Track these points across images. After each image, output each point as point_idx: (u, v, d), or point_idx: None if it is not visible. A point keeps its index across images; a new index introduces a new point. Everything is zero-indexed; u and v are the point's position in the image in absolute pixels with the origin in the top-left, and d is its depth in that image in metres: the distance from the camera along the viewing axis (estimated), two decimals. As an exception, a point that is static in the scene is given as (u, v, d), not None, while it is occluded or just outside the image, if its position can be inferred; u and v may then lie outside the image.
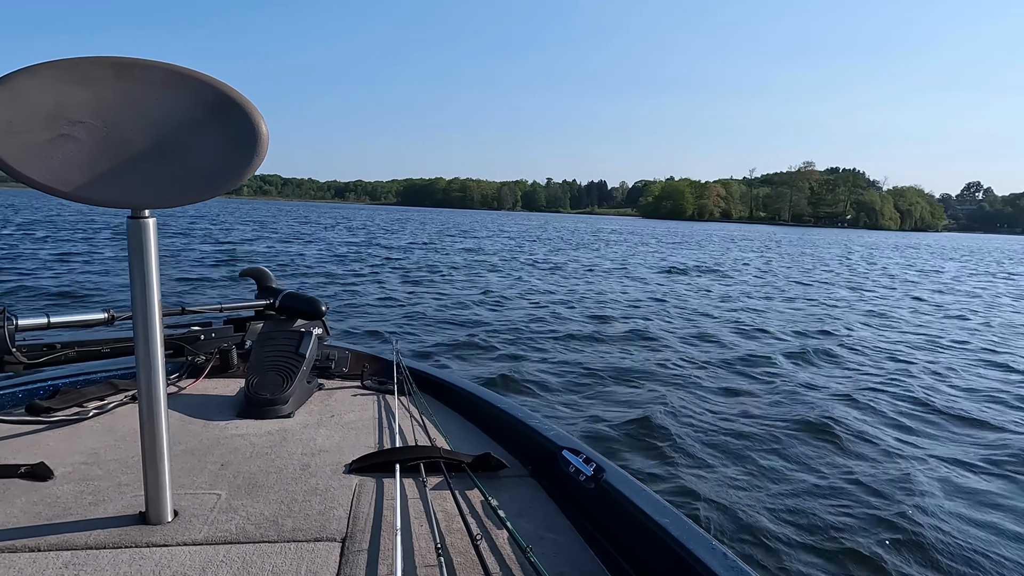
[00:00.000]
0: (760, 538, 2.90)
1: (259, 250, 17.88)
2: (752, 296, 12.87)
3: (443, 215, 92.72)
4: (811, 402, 5.08)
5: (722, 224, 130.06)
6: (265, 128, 1.20)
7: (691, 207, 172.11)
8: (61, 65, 1.07)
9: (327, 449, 1.64)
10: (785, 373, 6.11)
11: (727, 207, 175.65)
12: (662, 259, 22.64)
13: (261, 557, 1.11)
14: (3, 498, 1.31)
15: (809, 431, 4.36)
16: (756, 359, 6.65)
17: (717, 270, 19.06)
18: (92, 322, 1.95)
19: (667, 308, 10.50)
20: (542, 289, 12.31)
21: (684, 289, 13.62)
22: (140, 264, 1.17)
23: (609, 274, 16.31)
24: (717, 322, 9.23)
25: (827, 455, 3.96)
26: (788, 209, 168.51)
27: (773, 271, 19.63)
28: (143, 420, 1.20)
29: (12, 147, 1.04)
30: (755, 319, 9.59)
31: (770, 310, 10.84)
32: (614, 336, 7.68)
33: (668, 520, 1.14)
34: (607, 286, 13.42)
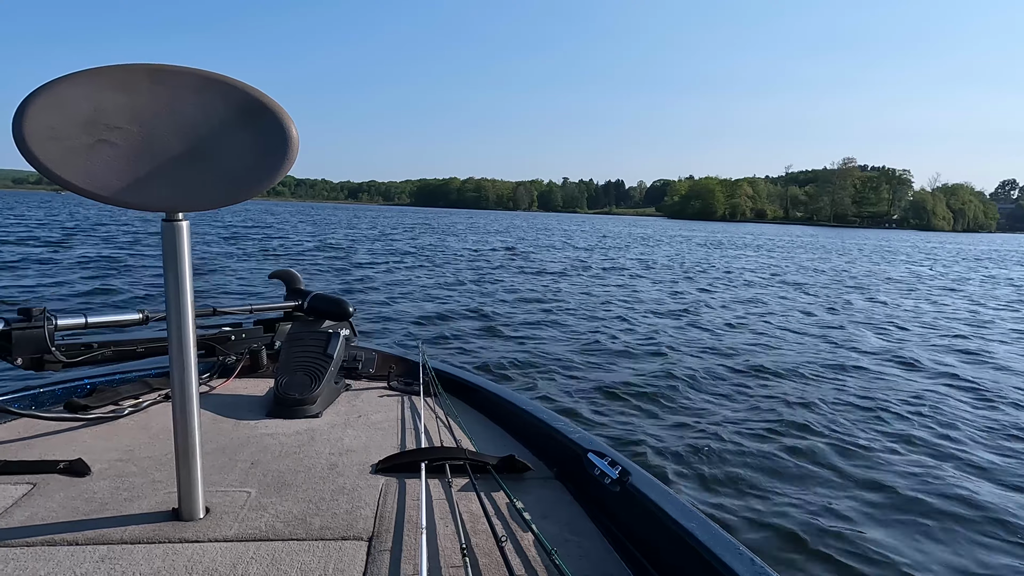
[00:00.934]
0: (790, 546, 2.85)
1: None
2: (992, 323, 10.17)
3: (462, 216, 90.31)
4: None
5: (761, 225, 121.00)
6: (295, 131, 1.22)
7: (722, 207, 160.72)
8: (100, 72, 1.10)
9: (354, 449, 1.66)
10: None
11: (756, 206, 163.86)
12: (766, 265, 20.16)
13: (290, 555, 1.12)
14: (43, 492, 1.35)
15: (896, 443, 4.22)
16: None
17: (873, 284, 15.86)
18: (127, 322, 2.01)
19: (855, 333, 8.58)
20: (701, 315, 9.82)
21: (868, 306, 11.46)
22: (174, 266, 1.20)
23: (731, 284, 14.35)
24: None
25: (874, 469, 3.86)
26: (830, 208, 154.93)
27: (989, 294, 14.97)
28: (176, 419, 1.23)
29: (54, 152, 1.08)
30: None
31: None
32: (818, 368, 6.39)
33: (695, 524, 1.13)
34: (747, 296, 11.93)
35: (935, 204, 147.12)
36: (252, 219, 35.69)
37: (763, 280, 15.78)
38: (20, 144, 1.05)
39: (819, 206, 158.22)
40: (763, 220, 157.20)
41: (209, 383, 2.22)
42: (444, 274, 13.98)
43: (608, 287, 12.87)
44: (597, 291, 12.09)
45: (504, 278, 13.53)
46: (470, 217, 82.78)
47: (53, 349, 1.83)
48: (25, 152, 1.06)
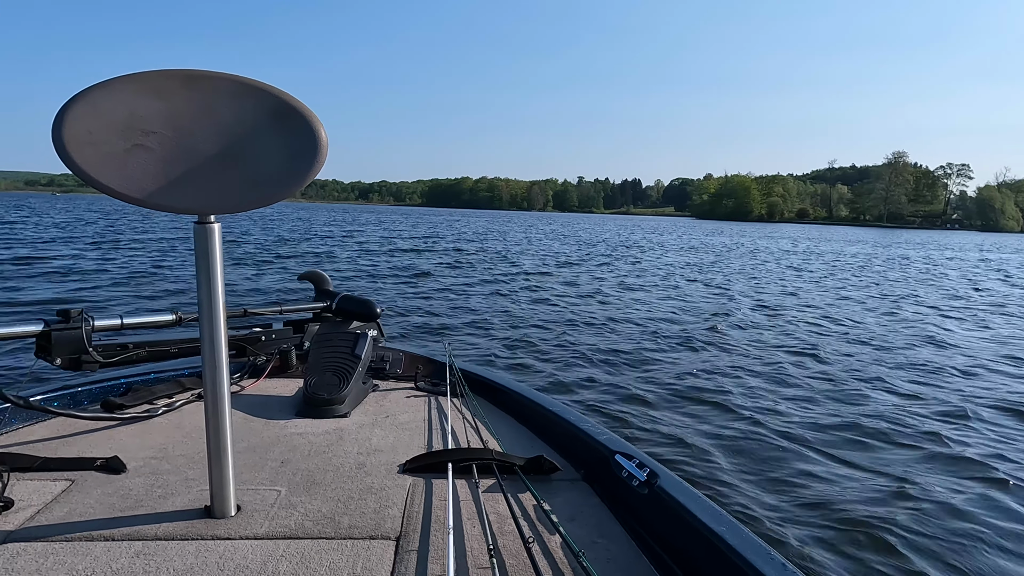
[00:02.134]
0: (822, 552, 2.79)
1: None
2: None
3: (480, 216, 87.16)
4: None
5: (809, 226, 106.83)
6: (325, 134, 1.23)
7: (758, 206, 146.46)
8: (135, 78, 1.13)
9: (382, 449, 1.67)
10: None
11: (788, 206, 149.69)
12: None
13: (319, 553, 1.13)
14: (81, 489, 1.38)
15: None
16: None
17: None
18: (161, 323, 2.05)
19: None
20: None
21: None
22: (206, 267, 1.22)
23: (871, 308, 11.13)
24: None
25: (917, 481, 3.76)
26: (883, 207, 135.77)
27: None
28: (208, 418, 1.25)
29: (91, 157, 1.10)
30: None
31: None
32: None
33: (724, 528, 1.12)
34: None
35: (1004, 202, 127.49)
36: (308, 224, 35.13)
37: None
38: (59, 149, 1.08)
39: (870, 204, 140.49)
40: (804, 220, 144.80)
41: (240, 383, 2.26)
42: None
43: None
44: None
45: (619, 298, 11.07)
46: (489, 218, 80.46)
47: (90, 350, 1.88)
48: (64, 157, 1.09)
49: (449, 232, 33.50)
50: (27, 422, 1.79)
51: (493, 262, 17.39)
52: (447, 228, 38.96)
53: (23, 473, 1.45)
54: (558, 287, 12.35)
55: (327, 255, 17.51)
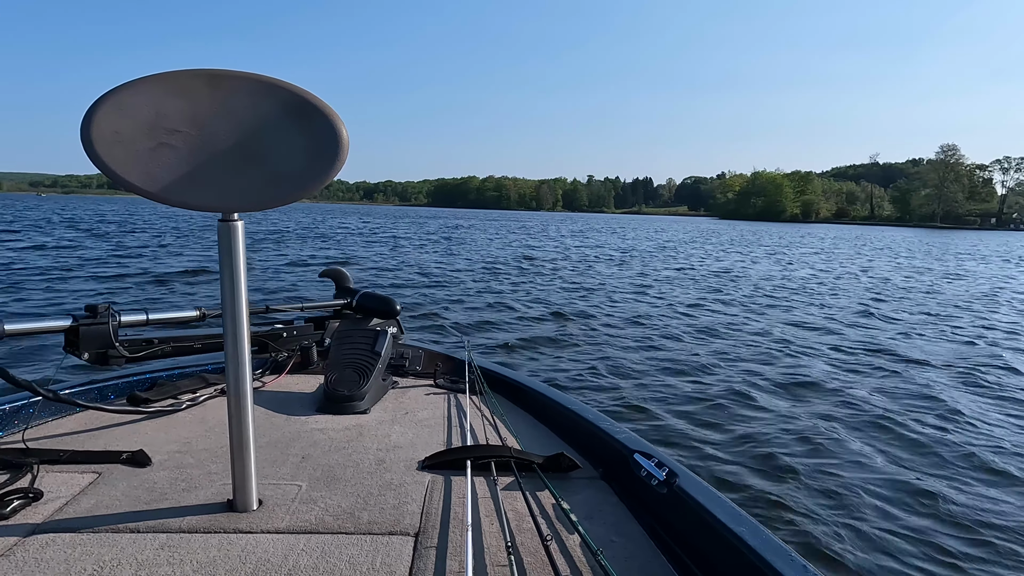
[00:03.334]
0: (845, 553, 2.76)
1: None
2: None
3: (493, 217, 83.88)
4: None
5: (869, 228, 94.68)
6: (346, 133, 1.24)
7: (791, 205, 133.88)
8: (161, 78, 1.15)
9: (401, 445, 1.68)
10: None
11: (816, 205, 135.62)
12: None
13: (339, 548, 1.15)
14: (107, 481, 1.41)
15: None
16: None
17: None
18: (186, 319, 2.08)
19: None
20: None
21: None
22: (229, 265, 1.23)
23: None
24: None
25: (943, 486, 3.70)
26: (939, 206, 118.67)
27: None
28: (231, 413, 1.27)
29: (119, 156, 1.12)
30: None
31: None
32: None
33: (744, 529, 1.11)
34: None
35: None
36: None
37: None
38: (88, 148, 1.10)
39: (921, 202, 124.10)
40: (844, 220, 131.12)
41: (262, 379, 2.28)
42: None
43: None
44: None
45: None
46: (501, 218, 77.92)
47: (117, 345, 1.92)
48: (92, 156, 1.11)
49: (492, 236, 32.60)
50: (56, 415, 1.83)
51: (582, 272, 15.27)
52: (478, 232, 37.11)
53: (52, 465, 1.49)
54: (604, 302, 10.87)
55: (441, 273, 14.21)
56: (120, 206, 45.64)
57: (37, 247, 16.46)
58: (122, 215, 38.93)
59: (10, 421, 1.71)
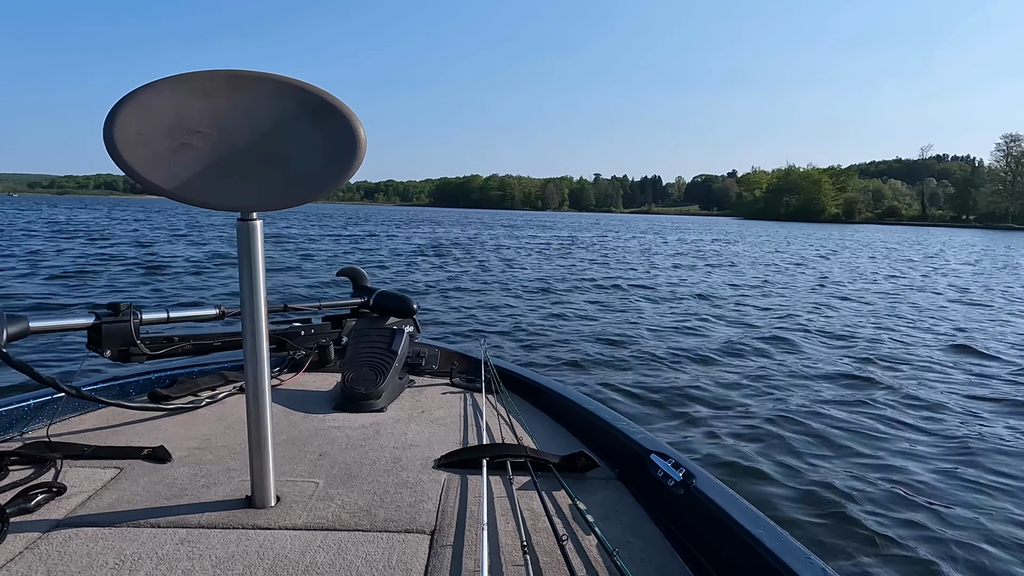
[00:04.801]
0: (866, 558, 2.72)
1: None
2: None
3: (503, 217, 78.65)
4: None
5: (936, 229, 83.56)
6: (363, 133, 1.25)
7: (831, 204, 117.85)
8: (182, 79, 1.16)
9: (417, 444, 1.69)
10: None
11: (860, 203, 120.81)
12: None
13: (355, 544, 1.15)
14: (129, 477, 1.43)
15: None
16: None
17: None
18: (205, 317, 2.11)
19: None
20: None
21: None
22: (248, 263, 1.24)
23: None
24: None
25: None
26: (1011, 205, 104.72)
27: None
28: (250, 410, 1.28)
29: (140, 156, 1.14)
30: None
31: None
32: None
33: (763, 531, 1.10)
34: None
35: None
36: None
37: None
38: (110, 149, 1.12)
39: (988, 199, 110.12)
40: (891, 221, 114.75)
41: (280, 376, 2.30)
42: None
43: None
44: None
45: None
46: (528, 219, 73.76)
47: (138, 342, 1.95)
48: (115, 156, 1.12)
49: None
50: (79, 411, 1.86)
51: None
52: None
53: (75, 460, 1.51)
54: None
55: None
56: (101, 212, 40.40)
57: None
58: (81, 219, 34.24)
59: (35, 416, 1.74)
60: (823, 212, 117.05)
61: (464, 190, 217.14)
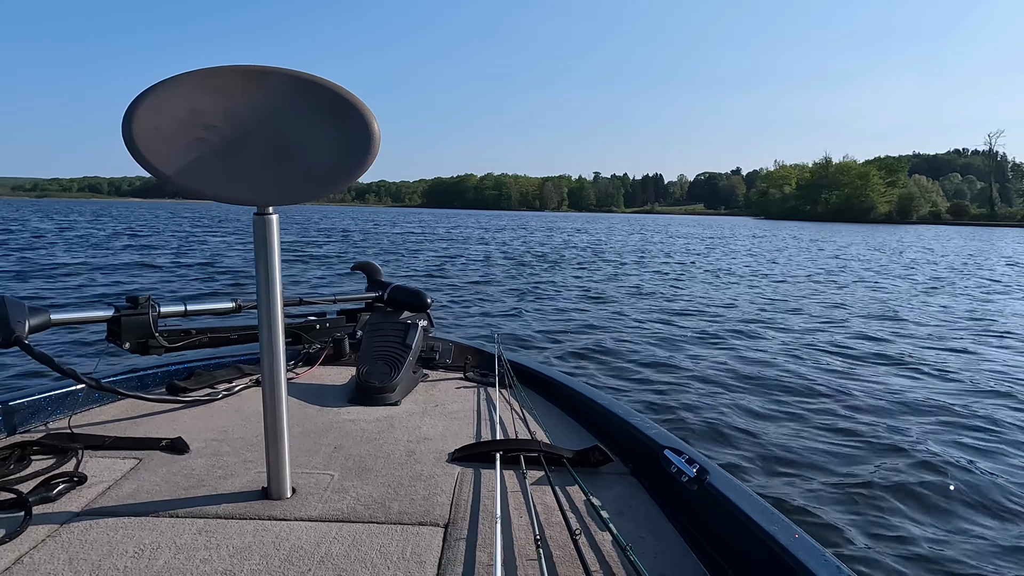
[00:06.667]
0: (881, 557, 2.68)
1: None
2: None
3: (502, 219, 72.03)
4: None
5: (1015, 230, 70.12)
6: (377, 128, 1.25)
7: (882, 202, 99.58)
8: (199, 75, 1.17)
9: (431, 437, 1.69)
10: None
11: (917, 201, 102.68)
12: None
13: (370, 536, 1.16)
14: (148, 467, 1.46)
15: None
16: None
17: None
18: (222, 310, 2.13)
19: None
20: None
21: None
22: (264, 257, 1.26)
23: None
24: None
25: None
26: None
27: None
28: (266, 403, 1.29)
29: (158, 151, 1.15)
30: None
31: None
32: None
33: (777, 528, 1.09)
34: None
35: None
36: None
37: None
38: (129, 144, 1.13)
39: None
40: (957, 221, 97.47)
41: (295, 370, 2.32)
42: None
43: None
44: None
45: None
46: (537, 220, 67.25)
47: (157, 335, 1.97)
48: (133, 151, 1.14)
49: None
50: (99, 403, 1.90)
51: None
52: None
53: (95, 451, 1.54)
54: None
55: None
56: (56, 220, 36.13)
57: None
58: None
59: (57, 408, 1.78)
60: (871, 211, 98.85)
61: (458, 190, 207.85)
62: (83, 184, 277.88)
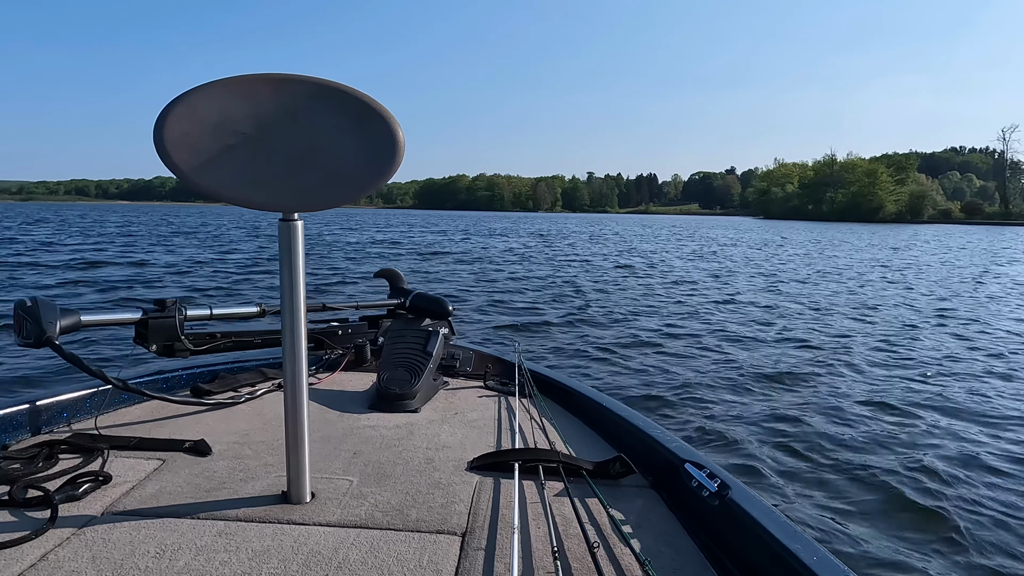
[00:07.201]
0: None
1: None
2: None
3: (497, 220, 69.49)
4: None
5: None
6: (402, 135, 1.26)
7: (891, 200, 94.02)
8: (229, 82, 1.19)
9: (450, 445, 1.69)
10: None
11: (929, 199, 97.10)
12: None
13: (387, 543, 1.16)
14: (171, 468, 1.48)
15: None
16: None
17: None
18: (246, 315, 2.16)
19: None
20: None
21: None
22: (289, 263, 1.27)
23: None
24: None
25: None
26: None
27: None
28: (287, 408, 1.30)
29: (188, 157, 1.17)
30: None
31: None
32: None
33: (800, 546, 1.07)
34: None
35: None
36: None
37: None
38: (160, 149, 1.15)
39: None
40: (971, 221, 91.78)
41: (317, 375, 2.33)
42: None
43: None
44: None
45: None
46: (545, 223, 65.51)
47: (182, 338, 2.00)
48: (164, 157, 1.16)
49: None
50: (124, 403, 1.92)
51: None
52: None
53: (120, 451, 1.56)
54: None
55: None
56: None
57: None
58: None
59: (83, 408, 1.81)
60: (880, 210, 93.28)
61: (450, 190, 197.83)
62: (70, 187, 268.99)
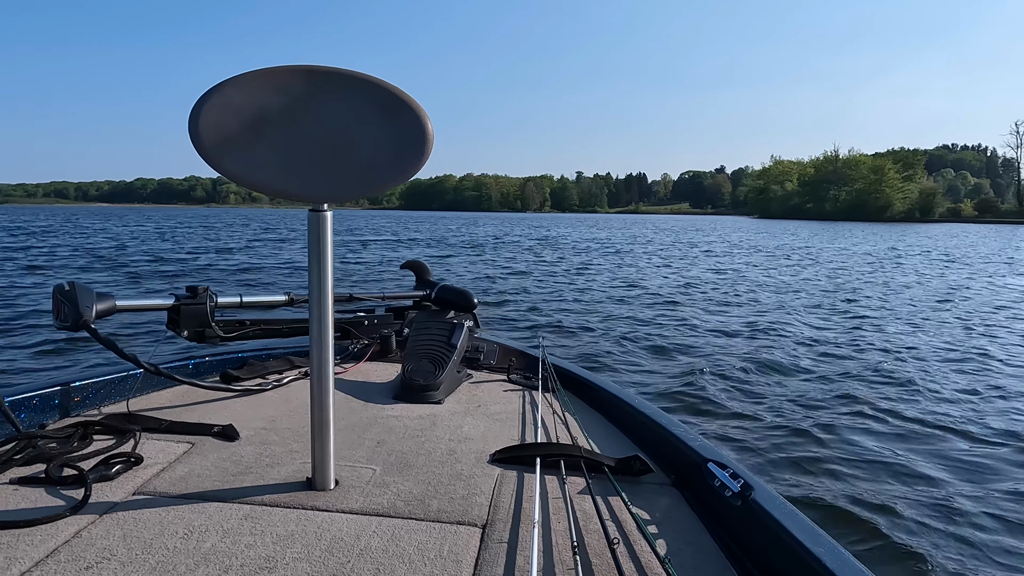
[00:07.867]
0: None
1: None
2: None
3: (489, 221, 67.78)
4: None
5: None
6: (431, 127, 1.27)
7: (899, 199, 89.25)
8: (262, 74, 1.21)
9: (472, 437, 1.70)
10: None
11: (938, 197, 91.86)
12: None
13: (408, 532, 1.17)
14: (199, 452, 1.51)
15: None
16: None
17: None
18: (275, 303, 2.19)
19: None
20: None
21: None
22: (318, 253, 1.28)
23: None
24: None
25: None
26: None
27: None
28: (313, 395, 1.32)
29: (222, 148, 1.19)
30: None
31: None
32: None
33: (823, 549, 1.05)
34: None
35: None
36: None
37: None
38: (195, 141, 1.17)
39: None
40: (984, 219, 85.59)
41: (343, 364, 2.36)
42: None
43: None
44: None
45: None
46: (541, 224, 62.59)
47: (213, 324, 2.04)
48: (199, 148, 1.18)
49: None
50: (156, 387, 1.97)
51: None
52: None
53: (152, 434, 1.61)
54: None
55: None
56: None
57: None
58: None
59: (116, 390, 1.86)
60: (888, 208, 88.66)
61: (437, 191, 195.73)
62: (49, 189, 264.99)
